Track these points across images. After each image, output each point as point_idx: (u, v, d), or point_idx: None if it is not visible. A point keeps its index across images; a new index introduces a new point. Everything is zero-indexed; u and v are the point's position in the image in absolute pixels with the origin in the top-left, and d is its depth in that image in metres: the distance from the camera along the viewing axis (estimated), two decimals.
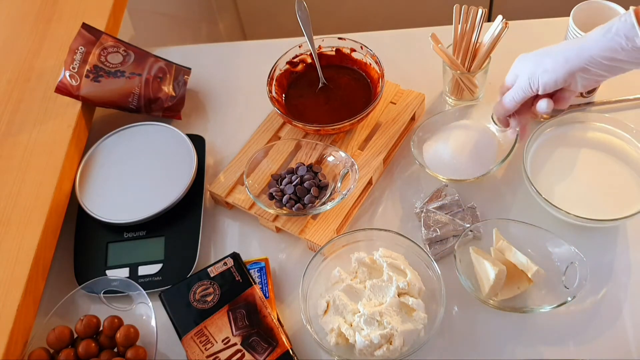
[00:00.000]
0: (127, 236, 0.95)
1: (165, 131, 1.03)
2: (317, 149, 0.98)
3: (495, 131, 0.96)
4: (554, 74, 0.81)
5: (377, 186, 0.99)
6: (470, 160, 0.95)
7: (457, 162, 0.95)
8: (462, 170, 0.95)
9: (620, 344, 0.82)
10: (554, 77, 0.81)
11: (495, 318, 0.85)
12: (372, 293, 0.84)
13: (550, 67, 0.82)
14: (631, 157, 0.93)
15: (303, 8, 1.05)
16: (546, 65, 0.82)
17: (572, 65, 0.80)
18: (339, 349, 0.82)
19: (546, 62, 0.82)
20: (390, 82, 1.05)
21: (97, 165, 1.00)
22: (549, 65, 0.82)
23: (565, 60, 0.80)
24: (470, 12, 0.97)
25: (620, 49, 0.76)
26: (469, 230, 0.88)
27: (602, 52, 0.77)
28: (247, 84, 1.13)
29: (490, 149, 0.96)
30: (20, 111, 1.02)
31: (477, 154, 0.95)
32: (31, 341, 0.84)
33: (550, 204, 0.87)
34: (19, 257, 0.86)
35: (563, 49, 0.81)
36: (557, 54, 0.82)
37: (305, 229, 0.92)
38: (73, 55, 1.02)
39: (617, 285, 0.86)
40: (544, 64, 0.82)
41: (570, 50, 0.80)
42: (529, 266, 0.83)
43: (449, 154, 0.95)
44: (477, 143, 0.96)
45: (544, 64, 0.82)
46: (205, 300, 0.84)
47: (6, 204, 0.92)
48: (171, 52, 1.16)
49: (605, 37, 0.77)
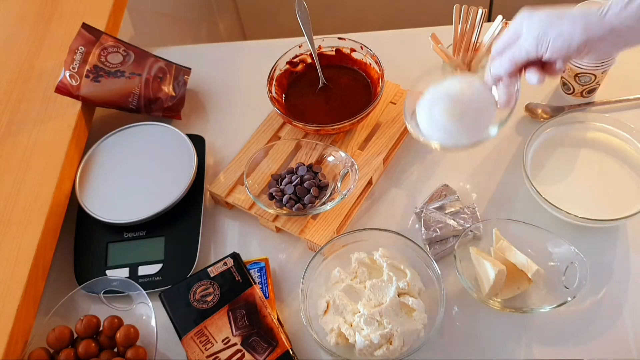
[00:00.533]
0: (127, 236, 0.95)
1: (165, 131, 1.03)
2: (317, 149, 0.98)
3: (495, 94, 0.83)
4: (569, 41, 0.73)
5: (377, 186, 0.99)
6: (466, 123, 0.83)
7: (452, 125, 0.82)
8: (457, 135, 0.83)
9: (620, 344, 0.82)
10: (568, 44, 0.73)
11: (495, 318, 0.85)
12: (372, 293, 0.84)
13: (566, 31, 0.73)
14: (631, 157, 0.93)
15: (303, 8, 1.05)
16: (562, 29, 0.73)
17: (591, 34, 0.72)
18: (339, 349, 0.82)
19: (563, 25, 0.73)
20: (390, 82, 1.05)
21: (97, 165, 1.00)
22: (565, 29, 0.73)
23: (585, 28, 0.72)
24: (470, 12, 0.96)
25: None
26: (469, 230, 0.88)
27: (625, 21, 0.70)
28: (247, 84, 1.13)
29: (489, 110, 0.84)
30: (20, 111, 1.02)
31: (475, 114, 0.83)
32: (31, 341, 0.84)
33: (550, 204, 0.87)
34: (19, 257, 0.86)
35: (583, 13, 0.73)
36: (576, 18, 0.73)
37: (305, 229, 0.92)
38: (73, 55, 1.02)
39: (617, 285, 0.86)
40: (559, 27, 0.73)
41: (591, 16, 0.72)
42: (529, 266, 0.83)
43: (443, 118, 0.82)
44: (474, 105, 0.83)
45: (559, 26, 0.73)
46: (205, 300, 0.84)
47: (6, 204, 0.92)
48: (171, 52, 1.16)
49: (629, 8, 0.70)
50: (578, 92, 1.02)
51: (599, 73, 0.97)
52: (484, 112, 0.83)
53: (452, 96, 0.83)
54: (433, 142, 0.84)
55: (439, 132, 0.83)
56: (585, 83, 1.00)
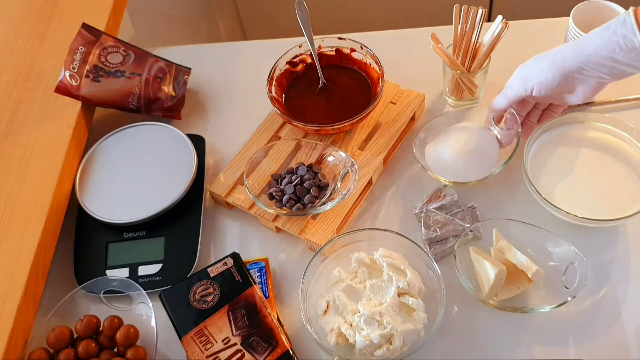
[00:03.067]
0: (127, 236, 0.95)
1: (165, 131, 1.03)
2: (317, 148, 0.98)
3: (497, 134, 0.96)
4: (549, 73, 0.79)
5: (377, 186, 0.99)
6: (472, 162, 0.95)
7: (458, 164, 0.95)
8: (463, 172, 0.94)
9: (620, 344, 0.82)
10: (549, 77, 0.80)
11: (495, 318, 0.85)
12: (372, 293, 0.84)
13: (546, 66, 0.80)
14: (631, 157, 0.93)
15: (303, 8, 1.05)
16: (542, 64, 0.81)
17: (569, 65, 0.78)
18: (339, 349, 0.82)
19: (542, 62, 0.81)
20: (390, 82, 1.05)
21: (97, 165, 1.00)
22: (545, 64, 0.80)
23: (562, 60, 0.78)
24: (470, 12, 0.97)
25: (618, 49, 0.73)
26: (469, 230, 0.88)
27: (600, 51, 0.75)
28: (247, 84, 1.13)
29: (492, 152, 0.95)
30: (20, 111, 1.02)
31: (478, 157, 0.95)
32: (31, 341, 0.84)
33: (550, 204, 0.87)
34: (19, 257, 0.86)
35: (560, 49, 0.80)
36: (554, 54, 0.80)
37: (305, 229, 0.92)
38: (73, 55, 1.02)
39: (617, 285, 0.86)
40: (539, 63, 0.81)
41: (567, 50, 0.79)
42: (529, 266, 0.83)
43: (450, 157, 0.95)
44: (478, 145, 0.96)
45: (539, 63, 0.81)
46: (205, 300, 0.84)
47: (6, 204, 0.92)
48: (171, 52, 1.16)
49: (602, 37, 0.74)
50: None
51: None
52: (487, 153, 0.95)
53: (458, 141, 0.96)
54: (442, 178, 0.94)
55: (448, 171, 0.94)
56: None
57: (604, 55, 0.75)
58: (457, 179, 0.94)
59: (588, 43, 0.76)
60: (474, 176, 0.94)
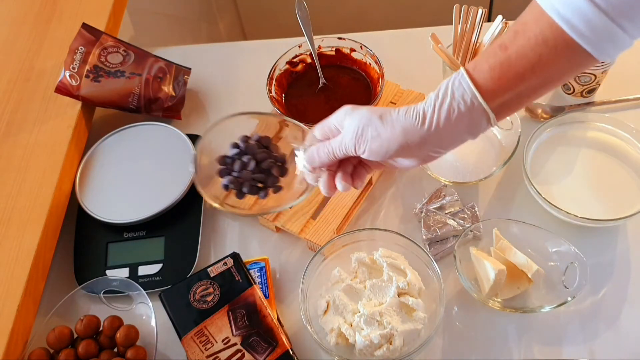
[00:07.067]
0: (127, 236, 0.95)
1: (165, 131, 1.03)
2: None
3: (497, 134, 0.96)
4: (386, 144, 0.68)
5: (377, 186, 0.99)
6: (471, 162, 0.95)
7: (458, 164, 0.95)
8: (463, 172, 0.95)
9: (620, 344, 0.82)
10: (385, 148, 0.68)
11: (495, 318, 0.85)
12: (372, 293, 0.84)
13: (385, 135, 0.68)
14: (631, 157, 0.93)
15: (303, 8, 1.05)
16: (380, 130, 0.68)
17: (410, 139, 0.67)
18: (339, 349, 0.82)
19: (381, 127, 0.68)
20: (390, 82, 1.05)
21: (97, 165, 1.00)
22: (383, 132, 0.68)
23: (404, 132, 0.67)
24: (470, 12, 0.97)
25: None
26: (469, 230, 0.88)
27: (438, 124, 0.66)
28: (247, 84, 1.13)
29: (492, 152, 0.96)
30: (20, 111, 1.02)
31: (478, 157, 0.95)
32: (31, 341, 0.84)
33: (550, 204, 0.87)
34: (19, 257, 0.86)
35: (402, 117, 0.67)
36: (395, 122, 0.67)
37: (305, 228, 0.92)
38: (73, 55, 1.02)
39: (617, 285, 0.86)
40: (378, 128, 0.68)
41: (410, 121, 0.67)
42: (529, 266, 0.83)
43: (450, 157, 0.95)
44: (478, 145, 0.96)
45: (378, 128, 0.68)
46: (205, 300, 0.84)
47: (6, 204, 0.92)
48: (171, 52, 1.16)
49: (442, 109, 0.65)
50: (578, 92, 1.02)
51: (599, 73, 0.97)
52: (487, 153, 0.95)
53: None
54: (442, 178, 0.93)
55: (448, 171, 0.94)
56: (585, 83, 1.00)
57: (443, 128, 0.67)
58: (457, 179, 0.94)
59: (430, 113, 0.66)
60: (474, 176, 0.94)
